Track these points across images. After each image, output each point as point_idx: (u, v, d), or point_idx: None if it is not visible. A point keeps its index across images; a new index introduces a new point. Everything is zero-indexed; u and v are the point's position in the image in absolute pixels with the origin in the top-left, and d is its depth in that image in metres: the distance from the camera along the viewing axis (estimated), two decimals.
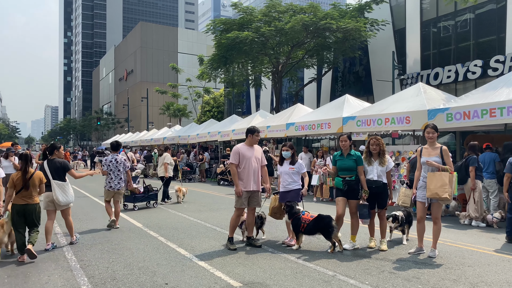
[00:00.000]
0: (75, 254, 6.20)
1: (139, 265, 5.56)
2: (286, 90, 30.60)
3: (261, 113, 19.84)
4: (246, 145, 6.68)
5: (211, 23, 24.34)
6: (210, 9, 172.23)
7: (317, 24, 20.30)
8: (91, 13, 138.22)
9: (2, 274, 5.23)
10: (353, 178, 6.23)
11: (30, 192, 5.98)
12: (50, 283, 4.87)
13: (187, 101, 44.44)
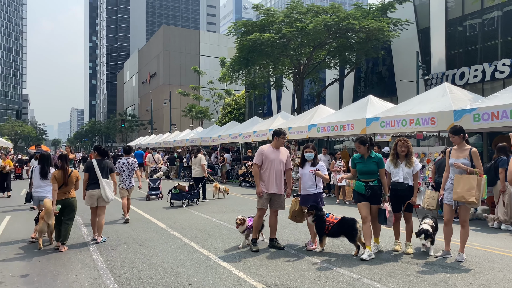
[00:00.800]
0: (101, 254, 6.32)
1: (164, 266, 5.62)
2: (308, 91, 30.46)
3: (282, 114, 19.80)
4: (271, 147, 6.61)
5: (232, 25, 24.46)
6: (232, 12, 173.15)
7: (339, 24, 20.14)
8: (115, 18, 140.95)
9: (32, 273, 5.37)
10: (376, 183, 5.99)
11: (68, 188, 6.77)
12: (78, 282, 4.97)
13: (209, 103, 44.75)
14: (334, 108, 19.23)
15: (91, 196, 7.16)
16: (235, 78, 27.25)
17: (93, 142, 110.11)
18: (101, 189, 7.13)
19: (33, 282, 5.01)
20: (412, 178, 6.20)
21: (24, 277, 5.18)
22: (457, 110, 9.47)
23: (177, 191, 11.49)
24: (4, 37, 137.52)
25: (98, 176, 7.16)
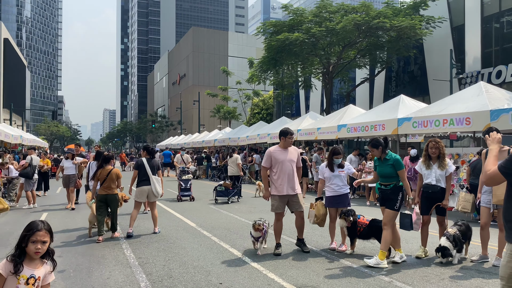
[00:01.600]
0: (134, 251, 6.46)
1: (194, 264, 5.69)
2: (337, 91, 30.14)
3: (311, 114, 19.67)
4: (279, 148, 6.40)
5: (261, 26, 24.50)
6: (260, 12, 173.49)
7: (369, 23, 19.84)
8: (146, 20, 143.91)
9: (68, 269, 5.55)
10: (390, 187, 5.68)
11: (109, 185, 7.41)
12: (112, 279, 5.10)
13: (237, 104, 45.01)
14: (364, 108, 18.96)
15: (142, 192, 7.69)
16: (263, 78, 27.28)
17: (124, 142, 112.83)
18: (151, 185, 7.68)
19: (69, 278, 5.17)
20: (445, 180, 5.98)
21: (61, 272, 5.36)
22: (494, 110, 9.15)
23: (223, 189, 12.45)
24: (41, 40, 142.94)
25: (148, 174, 7.71)
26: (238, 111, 46.18)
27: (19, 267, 2.58)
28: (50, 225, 2.76)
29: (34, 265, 2.65)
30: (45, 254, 2.71)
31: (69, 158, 11.76)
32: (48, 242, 2.68)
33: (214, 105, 48.96)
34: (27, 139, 26.00)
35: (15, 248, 2.64)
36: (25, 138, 24.48)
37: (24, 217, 9.79)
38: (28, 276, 2.60)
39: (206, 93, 46.11)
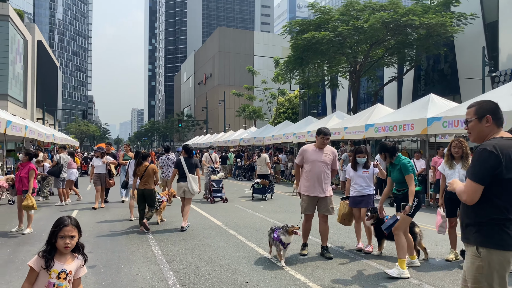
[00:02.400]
0: (161, 248, 6.56)
1: (220, 262, 5.73)
2: (364, 90, 29.71)
3: (337, 114, 19.47)
4: (314, 147, 6.17)
5: (287, 25, 24.40)
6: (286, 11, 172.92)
7: (398, 21, 19.45)
8: (173, 21, 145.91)
9: (98, 265, 5.69)
10: (403, 193, 5.47)
11: (147, 180, 8.07)
12: (140, 275, 5.20)
13: (262, 103, 45.02)
14: (392, 108, 18.62)
15: (179, 188, 8.32)
16: (289, 77, 27.18)
17: (152, 141, 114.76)
18: (187, 182, 8.23)
19: (99, 273, 5.30)
20: None
21: (91, 268, 5.50)
22: None
23: (260, 186, 13.20)
24: (72, 42, 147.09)
25: (185, 172, 8.30)
26: (263, 110, 46.18)
27: (50, 262, 2.67)
28: (79, 221, 2.83)
29: (64, 260, 2.74)
30: (75, 249, 2.79)
31: (98, 156, 11.62)
32: (76, 236, 2.76)
33: (240, 105, 49.12)
34: (59, 137, 26.81)
35: (45, 244, 2.73)
36: (57, 137, 25.24)
37: (56, 214, 10.10)
38: (59, 271, 2.69)
39: (231, 93, 46.33)
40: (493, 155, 2.49)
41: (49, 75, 73.44)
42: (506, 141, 2.57)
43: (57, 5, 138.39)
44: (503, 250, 2.48)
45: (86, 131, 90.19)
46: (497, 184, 2.50)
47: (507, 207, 2.50)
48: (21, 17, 55.05)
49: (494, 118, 2.70)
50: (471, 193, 2.54)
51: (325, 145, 6.17)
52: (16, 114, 35.83)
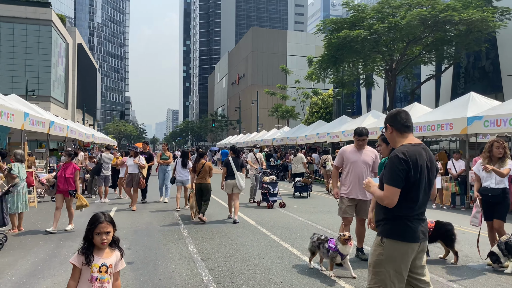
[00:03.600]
0: (196, 246, 6.67)
1: (254, 262, 5.76)
2: (401, 89, 29.01)
3: (373, 113, 19.13)
4: (354, 147, 5.94)
5: (321, 24, 24.16)
6: (320, 10, 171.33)
7: (436, 17, 18.86)
8: (207, 22, 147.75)
9: (136, 261, 5.86)
10: None
11: (204, 175, 8.97)
12: (176, 272, 5.31)
13: (295, 103, 44.80)
14: (430, 107, 18.09)
15: (228, 185, 9.16)
16: (322, 76, 26.90)
17: (186, 141, 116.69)
18: (236, 180, 9.07)
19: (137, 269, 5.45)
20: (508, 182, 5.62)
21: (130, 264, 5.67)
22: None
23: (302, 185, 13.76)
24: (111, 44, 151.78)
25: (234, 170, 9.14)
26: (296, 110, 45.96)
27: (90, 258, 2.79)
28: (117, 219, 2.93)
29: (103, 254, 2.86)
30: (111, 243, 2.90)
31: (132, 156, 11.15)
32: (111, 232, 2.86)
33: (273, 104, 49.11)
34: (98, 137, 27.73)
35: (83, 241, 2.86)
36: (96, 137, 26.13)
37: (97, 211, 10.45)
38: (100, 265, 2.81)
39: (265, 92, 46.39)
40: (403, 161, 2.80)
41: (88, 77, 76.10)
42: (413, 147, 2.90)
43: (96, 9, 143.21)
44: (403, 242, 2.85)
45: (123, 131, 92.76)
46: (405, 186, 2.82)
47: (411, 205, 2.86)
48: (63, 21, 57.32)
49: (393, 125, 3.02)
50: (390, 197, 2.82)
51: (364, 145, 5.91)
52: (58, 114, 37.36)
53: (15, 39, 48.00)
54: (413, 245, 2.87)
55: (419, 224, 2.90)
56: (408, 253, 2.88)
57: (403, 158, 2.80)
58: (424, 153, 2.92)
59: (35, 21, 48.23)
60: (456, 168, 11.66)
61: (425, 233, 2.95)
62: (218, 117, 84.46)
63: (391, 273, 2.87)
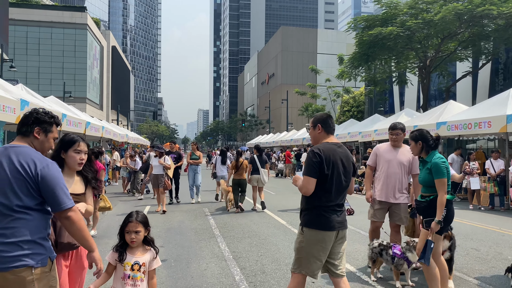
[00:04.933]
0: (228, 245, 6.72)
1: (286, 261, 5.74)
2: (435, 86, 28.21)
3: (406, 111, 18.70)
4: (390, 145, 5.39)
5: (352, 21, 23.81)
6: (350, 7, 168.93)
7: (473, 12, 18.21)
8: (237, 22, 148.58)
9: (169, 259, 5.96)
10: (429, 199, 4.18)
11: (241, 172, 10.55)
12: (209, 270, 5.37)
13: (326, 102, 44.39)
14: (466, 104, 17.52)
15: (253, 179, 10.60)
16: (354, 75, 26.52)
17: (216, 140, 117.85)
18: (260, 175, 10.53)
19: (171, 267, 5.55)
20: None
21: (163, 261, 5.76)
22: None
23: None
24: (143, 46, 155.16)
25: (258, 167, 10.56)
26: (327, 109, 45.48)
27: (123, 256, 2.85)
28: (151, 216, 2.97)
29: (137, 253, 2.90)
30: (145, 242, 2.94)
31: (157, 156, 10.72)
32: (141, 231, 2.88)
33: (302, 103, 48.86)
34: (132, 137, 28.40)
35: (118, 239, 2.92)
36: (130, 137, 26.77)
37: (134, 209, 10.71)
38: (132, 263, 2.85)
39: (295, 91, 46.19)
40: (317, 155, 3.23)
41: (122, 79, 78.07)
42: (329, 145, 3.35)
43: (129, 12, 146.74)
44: (319, 230, 3.22)
45: (156, 131, 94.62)
46: (320, 178, 3.22)
47: (326, 196, 3.24)
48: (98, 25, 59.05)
49: (323, 126, 3.48)
50: (306, 186, 3.21)
51: (398, 142, 5.33)
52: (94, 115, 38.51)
53: (53, 43, 49.90)
54: (329, 233, 3.23)
55: (334, 214, 3.27)
56: (325, 240, 3.23)
57: (317, 153, 3.24)
58: (339, 151, 3.35)
59: (71, 25, 49.97)
60: (494, 168, 11.22)
61: (342, 222, 3.31)
62: (248, 116, 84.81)
63: (310, 258, 3.24)
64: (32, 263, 2.24)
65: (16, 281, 2.18)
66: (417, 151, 4.31)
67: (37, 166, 2.32)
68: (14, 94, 8.21)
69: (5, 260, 2.17)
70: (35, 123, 2.50)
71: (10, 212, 2.23)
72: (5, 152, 2.34)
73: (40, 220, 2.34)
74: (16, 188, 2.26)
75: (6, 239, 2.19)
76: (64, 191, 2.38)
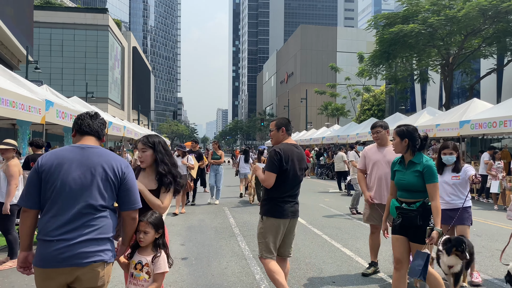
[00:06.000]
0: (248, 244, 6.74)
1: (306, 261, 5.73)
2: (458, 84, 27.66)
3: (428, 110, 18.38)
4: (376, 146, 5.16)
5: (372, 19, 23.56)
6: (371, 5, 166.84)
7: (497, 7, 17.77)
8: (256, 21, 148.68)
9: (190, 257, 6.01)
10: (415, 206, 3.62)
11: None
12: (229, 269, 5.39)
13: (346, 100, 43.99)
14: (491, 102, 17.11)
15: None
16: (374, 73, 26.23)
17: (235, 139, 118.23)
18: None
19: (191, 265, 5.60)
20: None
21: (184, 259, 5.83)
22: None
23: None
24: (163, 47, 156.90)
25: None
26: (347, 107, 45.12)
27: (132, 253, 2.83)
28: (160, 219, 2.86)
29: (144, 253, 2.82)
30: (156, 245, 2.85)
31: (179, 156, 10.28)
32: (150, 233, 2.79)
33: (322, 102, 48.54)
34: None
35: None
36: None
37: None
38: (136, 262, 2.80)
39: (314, 91, 45.93)
40: (278, 154, 3.79)
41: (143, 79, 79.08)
42: (289, 146, 3.92)
43: (149, 13, 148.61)
44: (275, 218, 3.81)
45: (176, 130, 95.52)
46: (279, 173, 3.79)
47: (282, 189, 3.83)
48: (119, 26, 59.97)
49: (286, 129, 4.04)
50: (268, 179, 3.78)
51: (382, 140, 5.06)
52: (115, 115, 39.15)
53: (76, 44, 50.89)
54: (283, 220, 3.84)
55: (288, 204, 3.86)
56: (280, 227, 3.84)
57: (278, 152, 3.80)
58: (295, 151, 3.93)
59: (93, 27, 50.86)
60: None
61: (294, 212, 3.92)
62: (267, 116, 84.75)
63: (269, 242, 3.82)
64: (107, 258, 2.44)
65: (92, 275, 2.38)
66: (401, 149, 3.76)
67: (122, 167, 2.51)
68: (39, 95, 8.41)
69: (86, 256, 2.34)
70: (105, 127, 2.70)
71: (93, 211, 2.39)
72: (84, 154, 2.46)
73: (113, 218, 2.52)
74: (102, 189, 2.43)
75: (87, 236, 2.36)
76: (137, 191, 2.61)
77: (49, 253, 2.31)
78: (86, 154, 2.44)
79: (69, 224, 2.33)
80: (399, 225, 3.73)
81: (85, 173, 2.39)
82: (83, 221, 2.35)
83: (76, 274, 2.35)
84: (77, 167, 2.39)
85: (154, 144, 3.16)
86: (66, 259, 2.31)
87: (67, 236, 2.32)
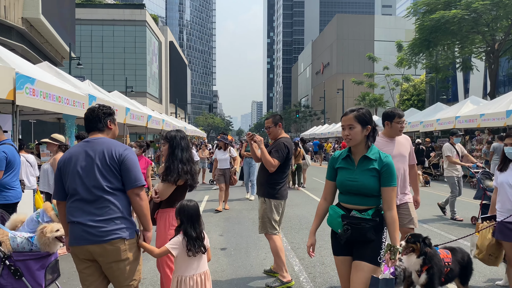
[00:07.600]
0: (285, 236, 6.75)
1: None
2: (504, 72, 26.34)
3: (472, 99, 17.62)
4: (384, 138, 4.22)
5: (411, 6, 22.79)
6: None
7: None
8: (291, 12, 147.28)
9: (229, 247, 6.10)
10: (368, 215, 2.73)
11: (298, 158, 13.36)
12: (267, 260, 5.43)
13: (384, 90, 42.90)
14: None
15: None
16: (414, 62, 25.41)
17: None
18: (305, 160, 13.71)
19: (230, 255, 5.68)
20: None
21: (223, 250, 5.93)
22: None
23: None
24: (199, 40, 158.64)
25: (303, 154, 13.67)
26: (385, 98, 44.00)
27: None
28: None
29: None
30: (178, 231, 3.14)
31: (221, 148, 9.87)
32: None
33: (359, 93, 47.57)
34: (189, 130, 29.25)
35: None
36: (187, 129, 27.58)
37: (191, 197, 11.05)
38: None
39: (351, 81, 45.08)
40: (287, 147, 4.52)
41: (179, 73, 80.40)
42: (289, 139, 4.65)
43: (185, 7, 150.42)
44: (276, 199, 4.53)
45: (211, 123, 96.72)
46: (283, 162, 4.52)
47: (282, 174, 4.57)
48: (156, 21, 61.12)
49: (282, 125, 4.74)
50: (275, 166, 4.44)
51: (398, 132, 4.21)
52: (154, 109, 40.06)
53: (115, 40, 52.34)
54: (282, 201, 4.61)
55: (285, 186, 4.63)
56: (281, 206, 4.60)
57: (287, 145, 4.53)
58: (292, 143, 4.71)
59: (131, 22, 52.10)
60: None
61: (287, 194, 4.71)
62: (302, 107, 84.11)
63: (272, 220, 4.50)
64: (125, 235, 2.75)
65: (113, 251, 2.70)
66: (361, 139, 2.80)
67: (120, 150, 2.80)
68: (83, 90, 8.74)
69: (104, 234, 2.67)
70: (107, 117, 2.98)
71: (102, 193, 2.71)
72: (89, 145, 2.82)
73: (125, 198, 2.81)
74: (105, 172, 2.73)
75: (103, 216, 2.69)
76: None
77: (71, 233, 2.73)
78: (90, 145, 2.80)
79: (84, 206, 2.69)
80: (345, 242, 2.78)
81: (89, 161, 2.74)
82: (95, 204, 2.69)
83: (97, 251, 2.68)
84: (84, 157, 2.76)
85: (170, 139, 3.53)
86: (83, 238, 2.67)
87: (83, 218, 2.68)
